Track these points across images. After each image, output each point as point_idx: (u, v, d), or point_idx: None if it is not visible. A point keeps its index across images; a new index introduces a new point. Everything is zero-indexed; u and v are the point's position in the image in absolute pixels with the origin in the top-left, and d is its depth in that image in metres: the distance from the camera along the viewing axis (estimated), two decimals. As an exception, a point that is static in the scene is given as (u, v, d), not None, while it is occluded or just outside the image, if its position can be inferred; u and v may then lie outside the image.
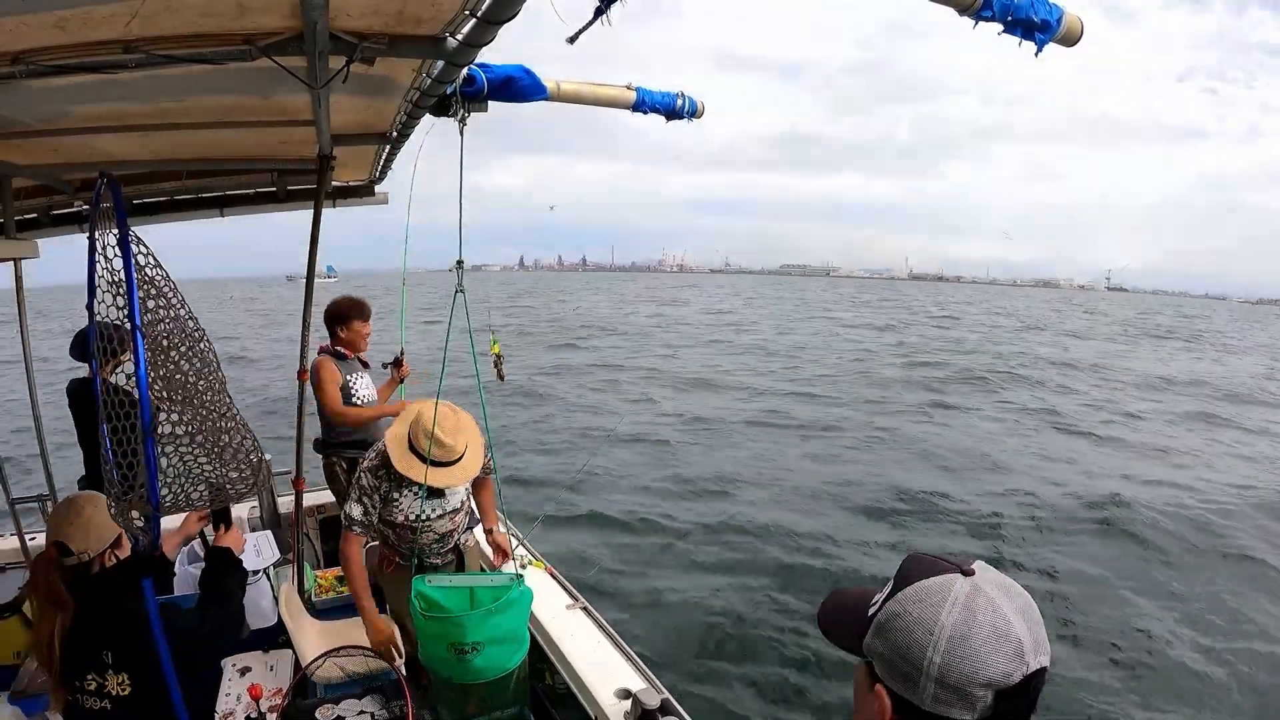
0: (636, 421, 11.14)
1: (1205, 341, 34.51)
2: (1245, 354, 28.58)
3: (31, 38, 1.18)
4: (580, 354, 20.56)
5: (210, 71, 1.37)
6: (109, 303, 1.63)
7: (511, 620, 2.33)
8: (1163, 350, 27.99)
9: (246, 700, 2.24)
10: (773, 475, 8.47)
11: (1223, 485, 8.65)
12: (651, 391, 14.12)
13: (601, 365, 18.07)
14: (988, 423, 12.08)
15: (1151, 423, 12.67)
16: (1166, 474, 9.14)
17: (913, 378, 16.63)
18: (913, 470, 8.81)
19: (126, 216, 1.51)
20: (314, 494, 3.75)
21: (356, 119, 2.16)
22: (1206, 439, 11.63)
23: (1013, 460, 9.55)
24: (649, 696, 2.01)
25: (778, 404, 13.09)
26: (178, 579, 2.99)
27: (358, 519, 2.43)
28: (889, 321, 34.95)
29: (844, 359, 20.55)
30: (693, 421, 11.24)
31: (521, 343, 22.27)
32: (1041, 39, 1.69)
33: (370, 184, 3.13)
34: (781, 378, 16.57)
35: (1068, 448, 10.52)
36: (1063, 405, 13.85)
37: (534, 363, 17.82)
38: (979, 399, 14.23)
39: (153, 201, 2.87)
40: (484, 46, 1.38)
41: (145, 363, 1.55)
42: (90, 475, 3.10)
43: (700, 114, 2.65)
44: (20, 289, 2.43)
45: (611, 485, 7.86)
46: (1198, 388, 17.32)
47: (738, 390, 14.63)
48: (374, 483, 2.42)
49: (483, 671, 2.28)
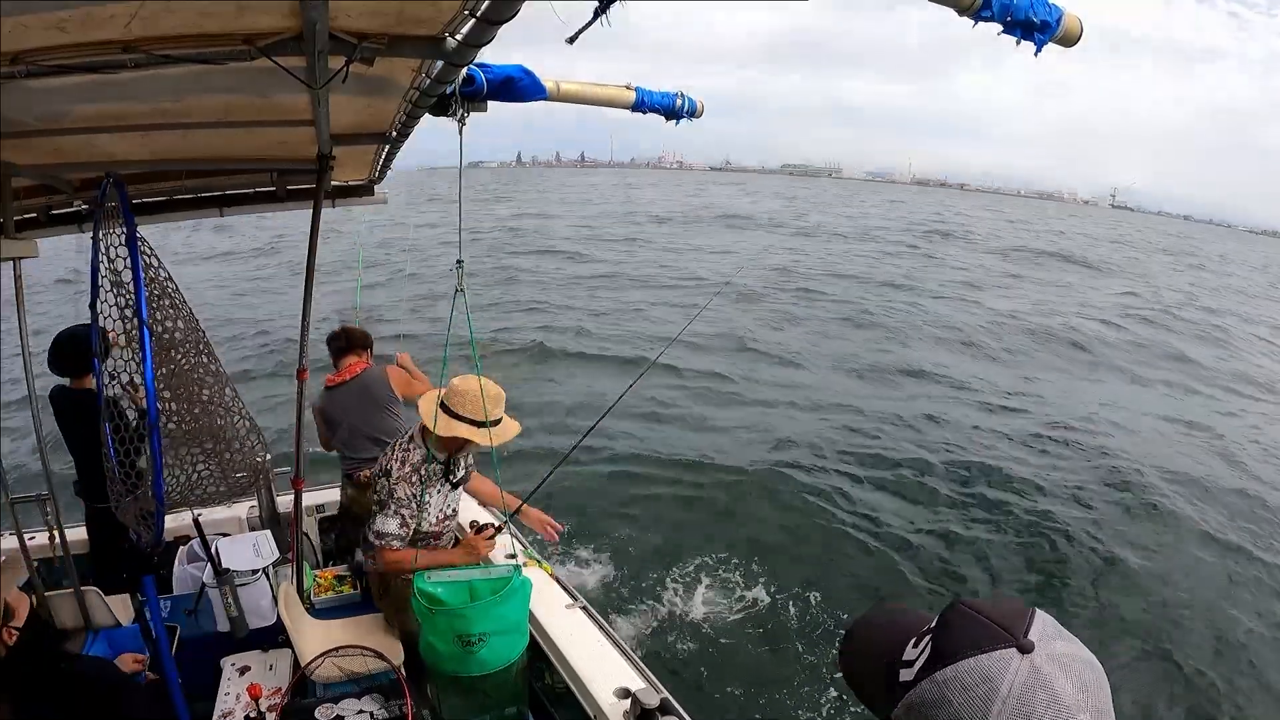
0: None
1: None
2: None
3: (31, 38, 1.18)
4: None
5: (210, 71, 1.37)
6: (110, 302, 1.63)
7: (514, 610, 2.35)
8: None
9: (246, 700, 2.24)
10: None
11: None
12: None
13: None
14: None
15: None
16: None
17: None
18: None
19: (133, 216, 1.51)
20: (313, 493, 3.75)
21: (356, 119, 2.16)
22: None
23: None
24: (648, 696, 2.01)
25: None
26: (177, 579, 2.99)
27: (394, 532, 2.38)
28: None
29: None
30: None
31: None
32: (1041, 39, 1.69)
33: (370, 184, 3.14)
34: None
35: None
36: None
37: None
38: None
39: (152, 201, 2.87)
40: (483, 46, 1.38)
41: (151, 360, 1.56)
42: (82, 481, 3.10)
43: (699, 113, 2.66)
44: (20, 289, 2.43)
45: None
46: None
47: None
48: (411, 491, 2.39)
49: (488, 662, 2.29)
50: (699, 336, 11.23)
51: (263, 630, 2.64)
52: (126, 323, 1.61)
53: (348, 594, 2.98)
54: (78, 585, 2.49)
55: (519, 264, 19.35)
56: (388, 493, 2.39)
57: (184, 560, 3.03)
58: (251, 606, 2.63)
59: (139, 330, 1.55)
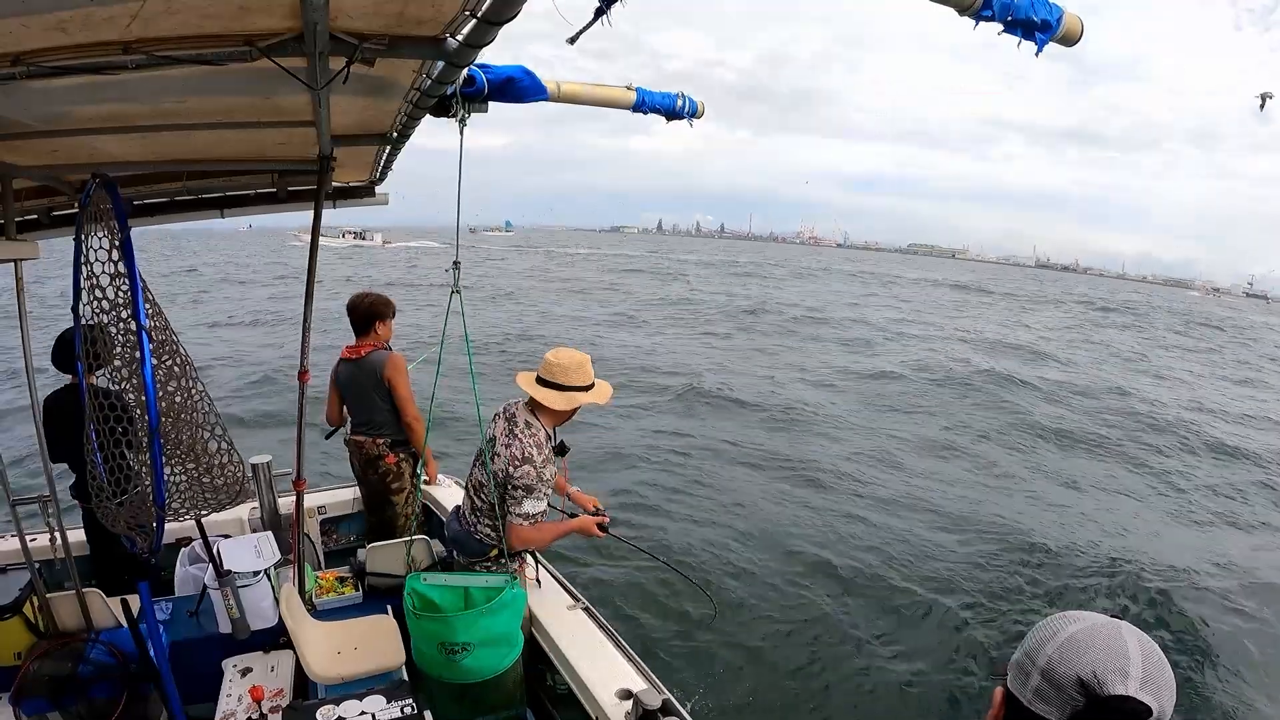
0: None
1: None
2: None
3: (32, 39, 1.18)
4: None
5: (211, 73, 1.37)
6: (95, 305, 1.62)
7: (503, 623, 2.34)
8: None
9: (248, 701, 2.24)
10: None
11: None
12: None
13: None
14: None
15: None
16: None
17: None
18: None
19: (127, 218, 1.51)
20: (314, 494, 3.75)
21: (357, 120, 2.16)
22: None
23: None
24: (650, 697, 2.01)
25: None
26: (179, 580, 2.99)
27: (542, 510, 2.52)
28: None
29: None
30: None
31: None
32: (1041, 39, 1.69)
33: (370, 185, 3.14)
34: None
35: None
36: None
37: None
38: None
39: (153, 203, 2.87)
40: (484, 47, 1.38)
41: (151, 363, 1.55)
42: (81, 482, 3.10)
43: (700, 114, 2.66)
44: (21, 290, 2.43)
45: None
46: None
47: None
48: (552, 470, 2.54)
49: (472, 672, 2.29)
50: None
51: (264, 631, 2.64)
52: (120, 325, 1.60)
53: (349, 595, 2.97)
54: (79, 587, 2.48)
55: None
56: (535, 477, 2.45)
57: (186, 562, 3.03)
58: (253, 608, 2.63)
59: (137, 334, 1.54)
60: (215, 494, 1.83)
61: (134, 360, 1.58)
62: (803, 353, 16.90)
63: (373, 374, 3.42)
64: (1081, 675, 0.71)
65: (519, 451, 2.47)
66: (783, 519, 6.72)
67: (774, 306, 25.90)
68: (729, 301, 27.20)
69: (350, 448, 3.59)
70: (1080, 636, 0.73)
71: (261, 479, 3.40)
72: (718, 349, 16.67)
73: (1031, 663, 0.75)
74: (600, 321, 20.28)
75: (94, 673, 2.34)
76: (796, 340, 19.03)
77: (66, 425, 2.94)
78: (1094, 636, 0.73)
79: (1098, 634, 0.73)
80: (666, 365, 13.92)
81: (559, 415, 2.57)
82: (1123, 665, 0.70)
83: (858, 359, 16.39)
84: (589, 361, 2.57)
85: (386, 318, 3.52)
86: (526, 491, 2.46)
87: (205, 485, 1.80)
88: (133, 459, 1.78)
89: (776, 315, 23.84)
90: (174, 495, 1.73)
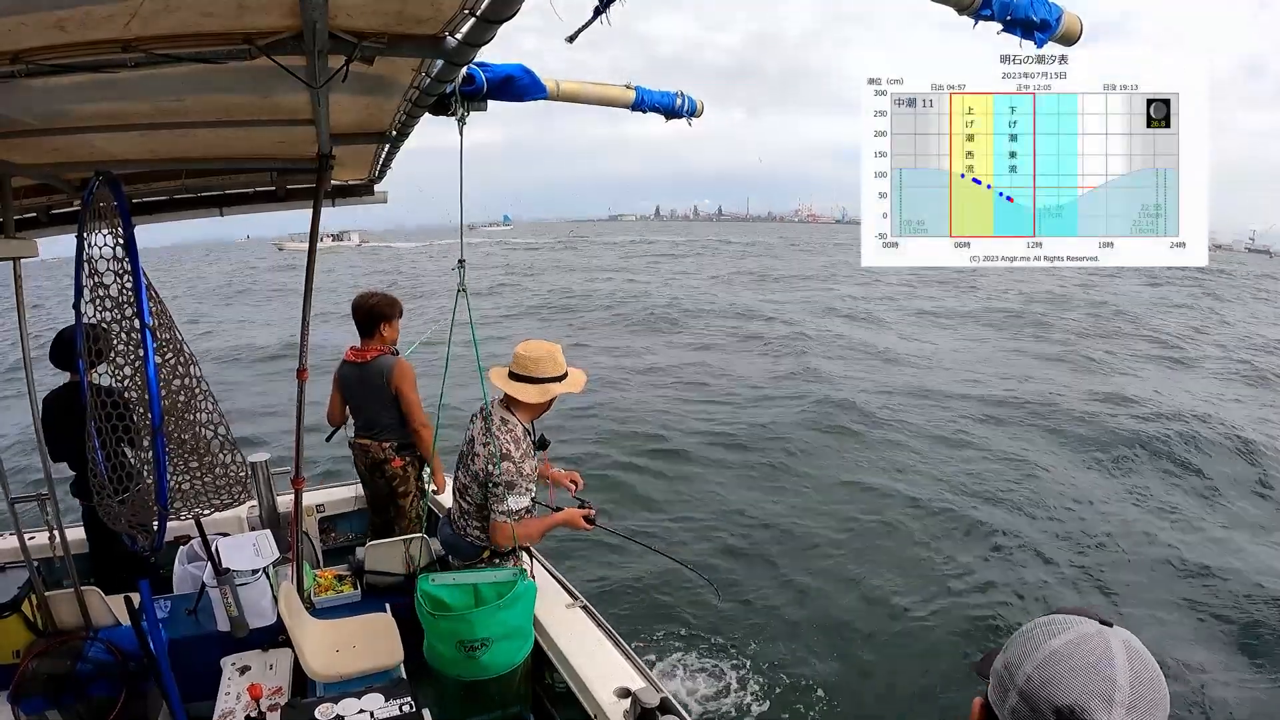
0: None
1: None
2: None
3: (31, 37, 1.18)
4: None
5: (210, 71, 1.37)
6: (97, 303, 1.62)
7: (518, 615, 2.35)
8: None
9: (246, 699, 2.24)
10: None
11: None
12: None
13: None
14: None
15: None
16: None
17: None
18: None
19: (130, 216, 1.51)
20: (313, 493, 3.74)
21: (356, 118, 2.16)
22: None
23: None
24: (648, 695, 2.01)
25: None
26: (177, 578, 2.99)
27: (526, 506, 2.51)
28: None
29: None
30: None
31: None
32: (1041, 38, 1.70)
33: (370, 183, 3.13)
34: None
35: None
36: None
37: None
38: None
39: (152, 201, 2.86)
40: (484, 45, 1.38)
41: (154, 361, 1.55)
42: (81, 480, 3.09)
43: (699, 113, 2.65)
44: (20, 288, 2.43)
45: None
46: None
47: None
48: (532, 464, 2.53)
49: (490, 668, 2.29)
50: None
51: (263, 630, 2.64)
52: (122, 323, 1.60)
53: (348, 593, 2.97)
54: (78, 585, 2.48)
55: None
56: (515, 472, 2.45)
57: (184, 560, 3.03)
58: (252, 606, 2.63)
59: (141, 332, 1.54)
60: (217, 494, 1.83)
61: (137, 358, 1.58)
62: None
63: (378, 380, 3.34)
64: (1058, 705, 0.66)
65: (497, 448, 2.46)
66: (780, 508, 6.67)
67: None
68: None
69: (355, 451, 3.51)
70: (1063, 653, 0.68)
71: (260, 477, 3.40)
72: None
73: (1010, 678, 0.71)
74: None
75: (93, 671, 2.34)
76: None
77: (66, 423, 2.94)
78: (1077, 653, 0.67)
79: (1082, 649, 0.68)
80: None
81: (534, 409, 2.55)
82: (1107, 690, 0.65)
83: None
84: (559, 350, 2.56)
85: (392, 319, 3.39)
86: (508, 488, 2.45)
87: (207, 484, 1.80)
88: (134, 456, 1.78)
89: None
90: (175, 495, 1.73)
